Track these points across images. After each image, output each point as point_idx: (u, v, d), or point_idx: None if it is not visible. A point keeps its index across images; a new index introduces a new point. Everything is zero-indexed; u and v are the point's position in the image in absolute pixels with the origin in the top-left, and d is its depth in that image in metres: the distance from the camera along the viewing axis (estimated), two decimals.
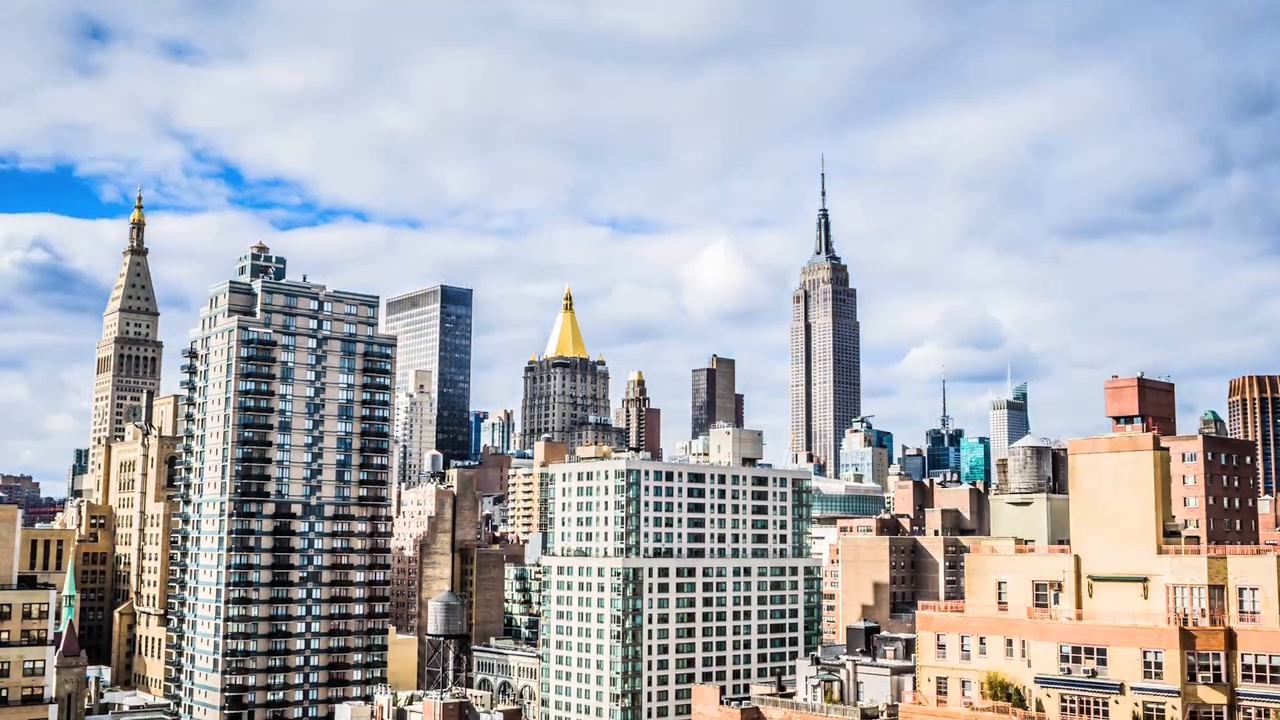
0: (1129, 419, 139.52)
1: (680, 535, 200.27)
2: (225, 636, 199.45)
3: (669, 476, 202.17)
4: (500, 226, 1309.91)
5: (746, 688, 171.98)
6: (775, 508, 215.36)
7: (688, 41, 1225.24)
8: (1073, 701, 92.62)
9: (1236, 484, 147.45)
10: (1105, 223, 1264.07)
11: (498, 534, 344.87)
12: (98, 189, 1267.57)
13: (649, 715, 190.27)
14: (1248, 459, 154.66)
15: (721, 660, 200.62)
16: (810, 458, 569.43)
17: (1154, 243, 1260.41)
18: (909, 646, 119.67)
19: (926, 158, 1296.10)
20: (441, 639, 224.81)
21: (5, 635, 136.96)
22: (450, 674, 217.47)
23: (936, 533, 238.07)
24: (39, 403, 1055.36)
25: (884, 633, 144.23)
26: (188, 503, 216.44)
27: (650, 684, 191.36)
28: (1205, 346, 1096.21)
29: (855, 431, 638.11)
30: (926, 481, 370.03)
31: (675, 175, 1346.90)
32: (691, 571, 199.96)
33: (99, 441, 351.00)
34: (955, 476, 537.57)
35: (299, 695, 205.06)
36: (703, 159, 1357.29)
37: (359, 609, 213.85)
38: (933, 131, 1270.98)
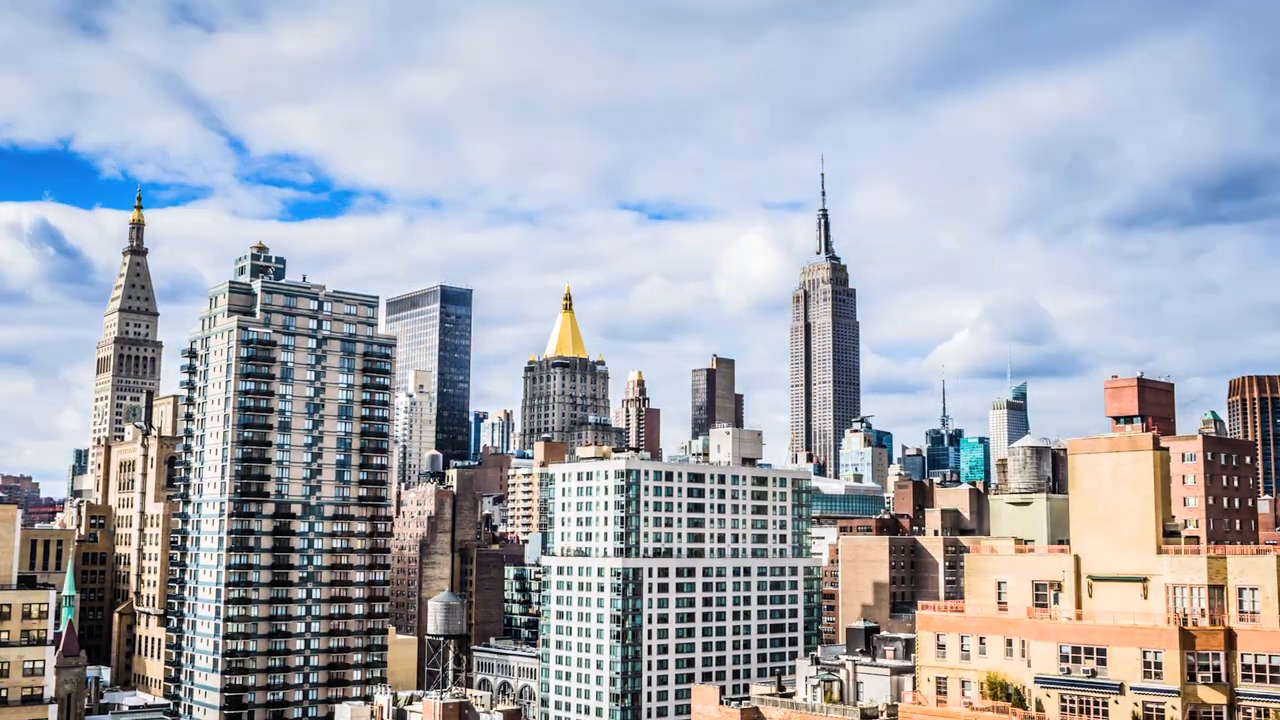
0: (1129, 419, 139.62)
1: (680, 535, 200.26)
2: (225, 636, 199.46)
3: (669, 476, 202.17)
4: (525, 209, 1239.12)
5: (746, 688, 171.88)
6: (775, 508, 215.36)
7: (747, 4, 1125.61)
8: (1072, 701, 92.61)
9: (1236, 484, 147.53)
10: (1169, 209, 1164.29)
11: (497, 534, 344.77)
12: (98, 164, 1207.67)
13: (649, 715, 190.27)
14: (1248, 459, 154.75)
15: (721, 660, 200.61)
16: (810, 458, 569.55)
17: (1223, 231, 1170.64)
18: (909, 646, 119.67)
19: (983, 133, 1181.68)
20: (441, 639, 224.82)
21: (5, 635, 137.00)
22: (450, 674, 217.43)
23: (936, 533, 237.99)
24: (47, 399, 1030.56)
25: (884, 633, 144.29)
26: (187, 503, 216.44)
27: (650, 684, 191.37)
28: (1258, 340, 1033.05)
29: (855, 431, 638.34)
30: (926, 481, 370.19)
31: (716, 153, 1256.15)
32: (691, 571, 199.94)
33: (99, 441, 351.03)
34: (955, 476, 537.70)
35: (299, 695, 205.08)
36: (747, 135, 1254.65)
37: (359, 609, 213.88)
38: (995, 104, 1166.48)
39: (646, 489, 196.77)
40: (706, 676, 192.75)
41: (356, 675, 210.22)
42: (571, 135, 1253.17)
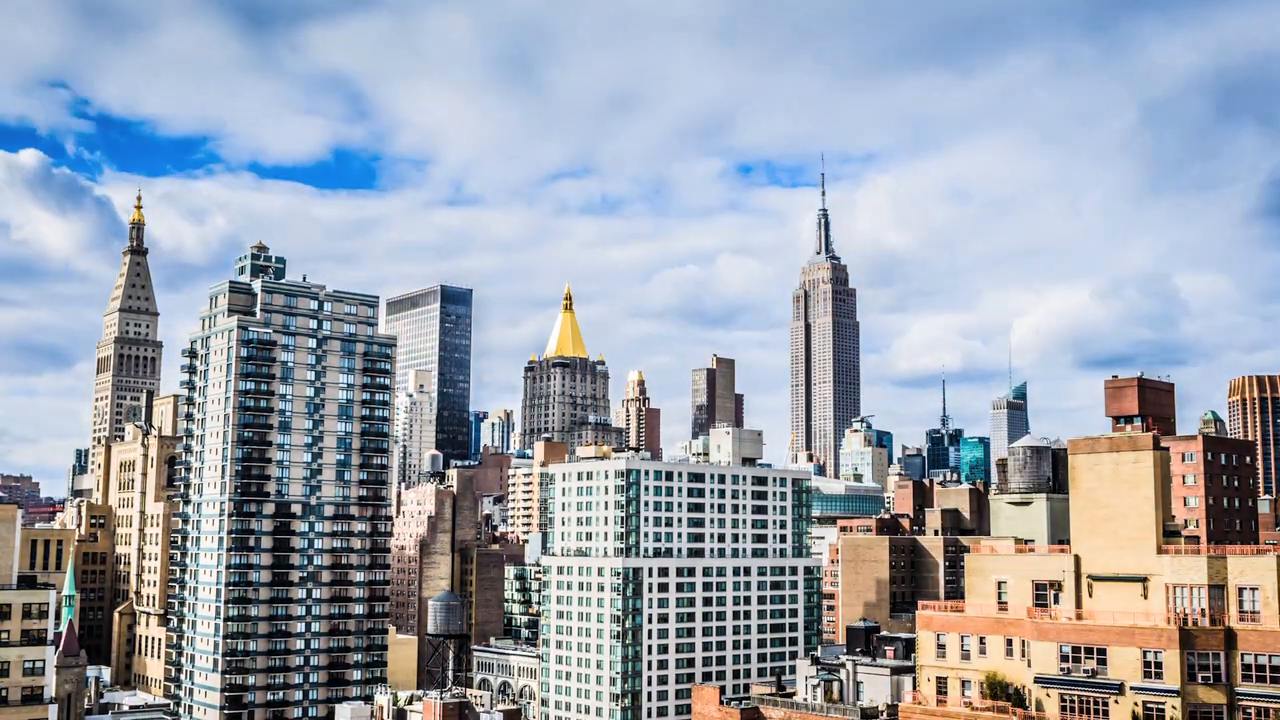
0: (1129, 419, 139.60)
1: (680, 535, 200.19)
2: (225, 636, 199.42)
3: (669, 476, 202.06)
4: (599, 161, 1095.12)
5: (746, 688, 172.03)
6: (775, 508, 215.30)
7: None
8: (1072, 701, 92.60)
9: (1236, 484, 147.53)
10: None
11: (498, 534, 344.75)
12: (102, 95, 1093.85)
13: (649, 715, 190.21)
14: (1248, 459, 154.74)
15: (721, 660, 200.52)
16: (810, 458, 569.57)
17: None
18: (909, 646, 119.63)
19: (1162, 67, 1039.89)
20: (441, 639, 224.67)
21: (5, 635, 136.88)
22: (450, 674, 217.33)
23: (936, 532, 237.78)
24: (63, 389, 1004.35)
25: (884, 633, 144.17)
26: (188, 503, 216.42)
27: (650, 684, 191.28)
28: None
29: (855, 431, 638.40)
30: (926, 481, 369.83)
31: (834, 87, 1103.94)
32: (691, 571, 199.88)
33: (99, 441, 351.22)
34: (955, 476, 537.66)
35: (299, 695, 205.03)
36: (876, 62, 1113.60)
37: (359, 609, 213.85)
38: (1190, 30, 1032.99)
39: (647, 489, 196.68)
40: (706, 676, 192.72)
41: (356, 675, 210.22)
42: (672, 60, 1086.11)
